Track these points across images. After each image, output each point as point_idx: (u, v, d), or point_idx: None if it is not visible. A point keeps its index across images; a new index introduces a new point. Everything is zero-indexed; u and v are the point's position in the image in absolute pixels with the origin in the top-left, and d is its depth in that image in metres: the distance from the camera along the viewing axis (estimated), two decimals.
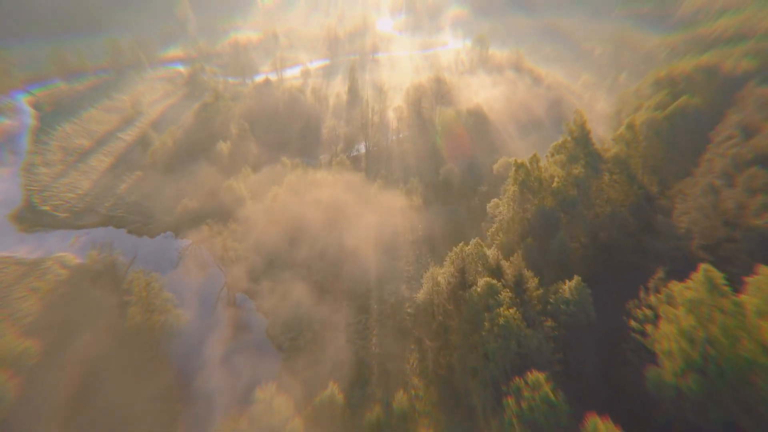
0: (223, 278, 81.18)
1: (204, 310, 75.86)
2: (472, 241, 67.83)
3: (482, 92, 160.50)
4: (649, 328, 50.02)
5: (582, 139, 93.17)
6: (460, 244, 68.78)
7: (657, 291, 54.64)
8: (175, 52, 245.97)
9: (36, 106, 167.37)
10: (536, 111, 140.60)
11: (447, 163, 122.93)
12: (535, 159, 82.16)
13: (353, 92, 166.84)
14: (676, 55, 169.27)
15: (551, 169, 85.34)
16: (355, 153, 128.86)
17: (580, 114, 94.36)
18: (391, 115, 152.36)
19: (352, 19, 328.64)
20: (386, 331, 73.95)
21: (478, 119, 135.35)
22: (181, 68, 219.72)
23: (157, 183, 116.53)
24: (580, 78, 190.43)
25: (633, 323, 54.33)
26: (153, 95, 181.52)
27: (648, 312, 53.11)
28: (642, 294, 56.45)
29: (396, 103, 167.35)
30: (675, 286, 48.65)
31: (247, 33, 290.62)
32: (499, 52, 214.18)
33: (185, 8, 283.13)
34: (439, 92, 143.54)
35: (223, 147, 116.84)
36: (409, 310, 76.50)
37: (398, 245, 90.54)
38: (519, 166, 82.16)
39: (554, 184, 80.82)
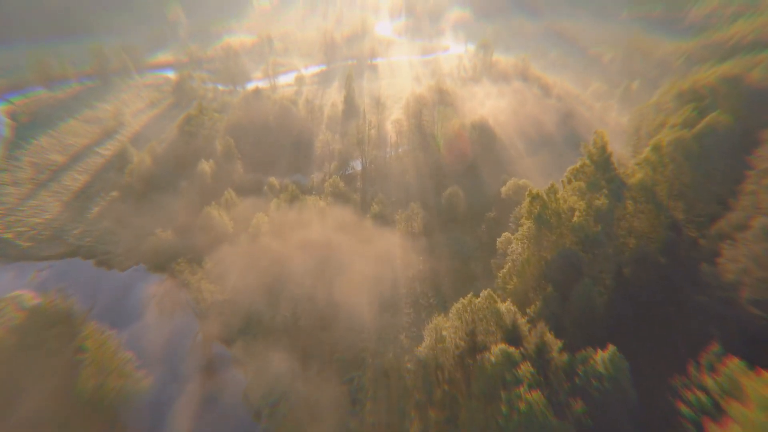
0: (196, 327, 71.04)
1: (172, 366, 65.70)
2: (483, 294, 57.72)
3: (487, 102, 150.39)
4: (709, 426, 39.97)
5: (602, 163, 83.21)
6: (469, 296, 58.72)
7: (713, 369, 44.65)
8: (164, 57, 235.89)
9: (13, 116, 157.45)
10: (546, 125, 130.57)
11: (450, 181, 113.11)
12: (552, 190, 72.11)
13: (349, 101, 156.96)
14: (693, 63, 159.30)
15: (569, 200, 75.28)
16: (349, 171, 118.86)
17: (601, 135, 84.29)
18: (389, 127, 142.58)
19: (350, 22, 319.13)
20: (383, 393, 63.85)
21: (483, 133, 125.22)
22: (171, 74, 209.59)
23: (133, 207, 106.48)
24: (589, 86, 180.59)
25: (683, 408, 44.39)
26: (138, 104, 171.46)
27: (703, 398, 43.14)
28: (692, 370, 46.44)
29: (395, 113, 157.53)
30: (748, 380, 38.59)
31: (241, 36, 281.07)
32: (503, 58, 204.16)
33: (177, 11, 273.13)
34: (442, 103, 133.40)
35: (206, 167, 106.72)
36: (409, 366, 66.41)
37: (397, 282, 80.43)
38: (534, 198, 72.20)
39: (575, 219, 70.73)
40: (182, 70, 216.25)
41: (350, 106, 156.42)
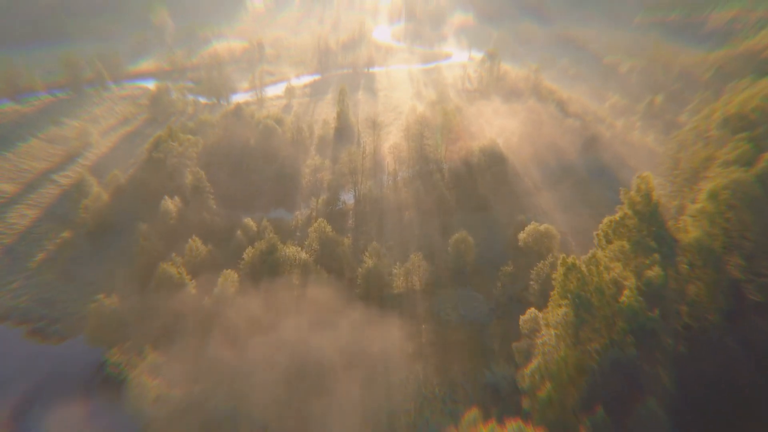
0: None
1: None
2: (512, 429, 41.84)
3: (497, 122, 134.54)
4: None
5: (648, 215, 67.50)
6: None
7: None
8: (147, 64, 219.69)
9: None
10: (565, 150, 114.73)
11: (456, 219, 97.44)
12: (594, 261, 56.28)
13: (343, 118, 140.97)
14: (725, 77, 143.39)
15: (612, 268, 59.48)
16: (340, 206, 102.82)
17: (645, 180, 68.62)
18: (386, 150, 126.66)
19: (347, 26, 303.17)
20: None
21: (493, 160, 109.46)
22: (151, 85, 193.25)
23: (86, 252, 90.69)
24: (606, 99, 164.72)
25: None
26: (110, 120, 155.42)
27: None
28: None
29: (393, 132, 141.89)
30: None
31: (231, 41, 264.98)
32: (511, 68, 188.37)
33: (162, 14, 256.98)
34: (446, 125, 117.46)
35: (170, 205, 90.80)
36: None
37: (394, 366, 64.53)
38: (570, 269, 56.47)
39: (623, 299, 54.84)
40: (164, 80, 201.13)
41: (344, 124, 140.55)
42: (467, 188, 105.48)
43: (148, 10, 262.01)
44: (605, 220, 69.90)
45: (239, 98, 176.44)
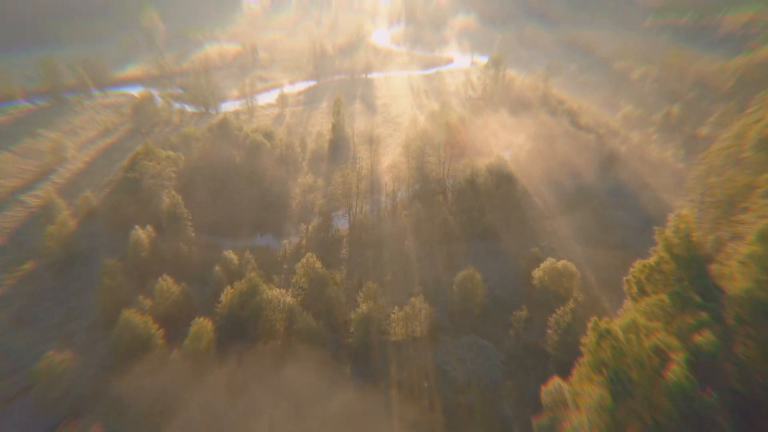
0: None
1: None
2: None
3: (503, 135, 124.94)
4: None
5: (689, 261, 57.93)
6: None
7: None
8: (135, 69, 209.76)
9: None
10: (580, 168, 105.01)
11: (461, 249, 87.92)
12: (633, 326, 46.67)
13: (338, 130, 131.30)
14: (747, 86, 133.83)
15: (654, 332, 49.85)
16: (333, 232, 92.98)
17: (684, 220, 58.95)
18: (385, 166, 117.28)
19: (345, 29, 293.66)
20: None
21: (502, 181, 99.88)
22: (138, 91, 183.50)
23: (47, 288, 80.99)
24: (618, 108, 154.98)
25: None
26: (90, 131, 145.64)
27: None
28: None
29: (392, 147, 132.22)
30: None
31: (225, 45, 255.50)
32: (516, 74, 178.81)
33: (152, 16, 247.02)
34: (449, 143, 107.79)
35: (142, 235, 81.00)
36: None
37: None
38: (603, 334, 47.06)
39: (669, 375, 45.19)
40: (151, 87, 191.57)
41: (339, 136, 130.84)
42: (473, 212, 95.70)
43: (138, 12, 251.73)
44: (637, 265, 60.31)
45: (229, 106, 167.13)
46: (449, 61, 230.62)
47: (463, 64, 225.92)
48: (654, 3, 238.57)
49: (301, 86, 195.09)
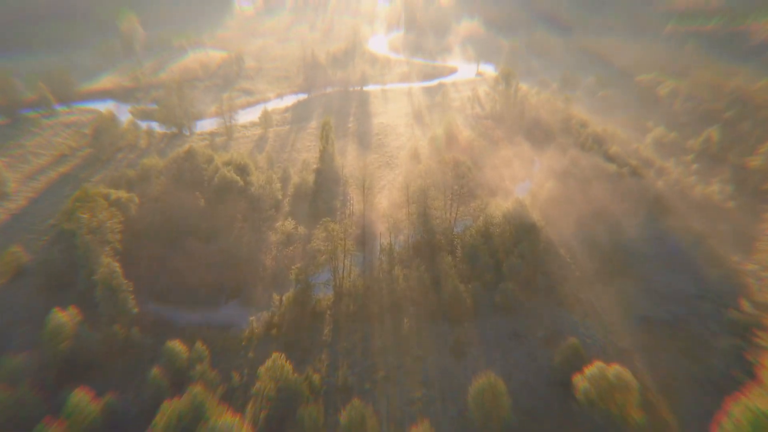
0: None
1: None
2: None
3: (518, 168, 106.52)
4: None
5: None
6: None
7: None
8: (108, 80, 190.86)
9: None
10: (621, 218, 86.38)
11: (474, 326, 69.69)
12: None
13: (326, 160, 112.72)
14: None
15: None
16: (313, 304, 74.14)
17: None
18: (380, 209, 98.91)
19: (341, 33, 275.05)
20: None
21: (522, 232, 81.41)
22: (108, 106, 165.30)
23: None
24: (645, 129, 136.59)
25: None
26: (42, 158, 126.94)
27: None
28: None
29: (390, 178, 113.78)
30: None
31: (210, 51, 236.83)
32: (529, 88, 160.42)
33: (131, 21, 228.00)
34: (457, 173, 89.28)
35: (63, 319, 62.39)
36: None
37: None
38: None
39: None
40: (125, 100, 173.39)
41: (327, 167, 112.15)
42: (487, 275, 77.21)
43: (116, 15, 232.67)
44: (737, 406, 41.89)
45: (207, 125, 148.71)
46: (452, 71, 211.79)
47: (467, 74, 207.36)
48: (675, 7, 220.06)
49: (290, 100, 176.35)
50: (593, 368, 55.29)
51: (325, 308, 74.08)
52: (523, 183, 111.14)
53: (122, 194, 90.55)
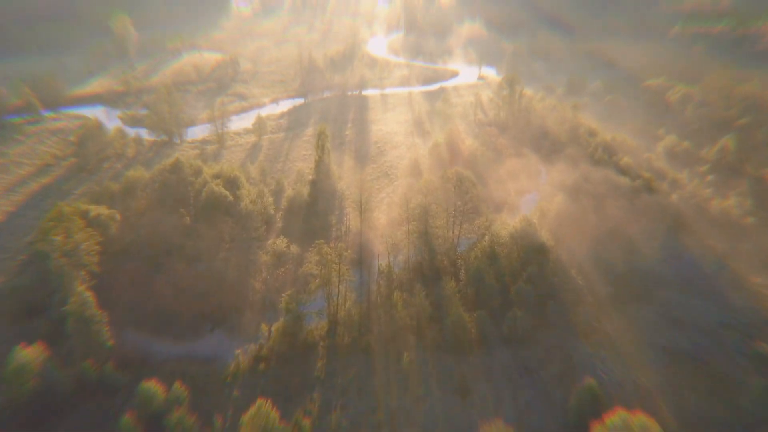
0: None
1: None
2: None
3: (525, 180, 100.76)
4: None
5: None
6: None
7: None
8: (99, 84, 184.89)
9: None
10: (637, 239, 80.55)
11: (480, 361, 64.12)
12: None
13: (322, 170, 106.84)
14: None
15: None
16: (304, 335, 68.29)
17: None
18: (379, 219, 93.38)
19: (340, 34, 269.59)
20: None
21: (530, 253, 75.74)
22: (93, 113, 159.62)
23: None
24: (656, 138, 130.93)
25: None
26: (24, 167, 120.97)
27: None
28: None
29: (389, 191, 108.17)
30: None
31: (205, 54, 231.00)
32: (533, 93, 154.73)
33: (124, 23, 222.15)
34: (461, 189, 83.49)
35: (28, 356, 56.52)
36: None
37: None
38: None
39: None
40: (115, 105, 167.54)
41: (323, 177, 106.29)
42: (494, 300, 71.43)
43: (109, 17, 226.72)
44: None
45: (198, 132, 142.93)
46: (454, 74, 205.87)
47: (469, 77, 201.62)
48: (682, 8, 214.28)
49: (286, 105, 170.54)
50: (615, 418, 49.56)
51: (317, 339, 68.22)
52: (530, 195, 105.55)
53: (103, 210, 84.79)
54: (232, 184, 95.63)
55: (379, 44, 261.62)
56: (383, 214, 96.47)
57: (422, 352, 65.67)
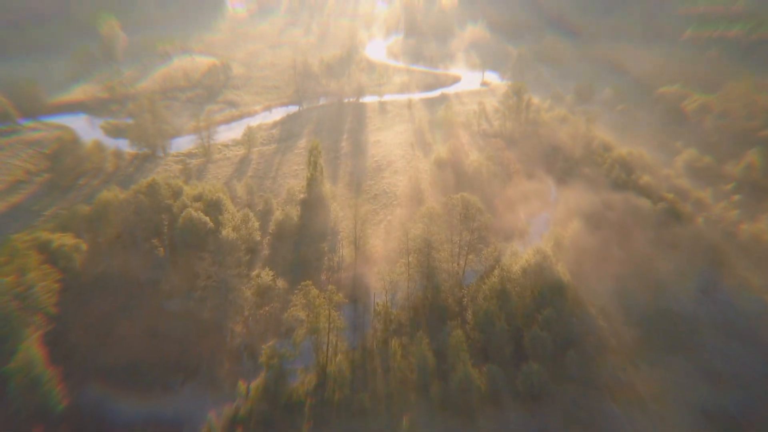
0: None
1: None
2: None
3: (535, 200, 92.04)
4: None
5: None
6: None
7: None
8: (82, 91, 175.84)
9: None
10: (667, 278, 71.72)
11: (494, 429, 55.36)
12: None
13: (314, 189, 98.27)
14: None
15: None
16: (287, 393, 59.40)
17: None
18: (374, 248, 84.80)
19: (337, 37, 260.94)
20: None
21: (546, 293, 66.99)
22: (75, 121, 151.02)
23: None
24: (674, 151, 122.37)
25: None
26: None
27: None
28: None
29: (387, 209, 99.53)
30: None
31: (197, 57, 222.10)
32: (541, 102, 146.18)
33: (112, 25, 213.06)
34: (467, 217, 74.74)
35: None
36: None
37: None
38: None
39: None
40: (98, 113, 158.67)
41: (315, 196, 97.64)
42: (506, 348, 62.64)
43: (96, 19, 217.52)
44: None
45: (184, 143, 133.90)
46: (456, 80, 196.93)
47: (472, 83, 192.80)
48: (694, 11, 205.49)
49: (279, 113, 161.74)
50: None
51: (304, 396, 59.33)
52: (541, 216, 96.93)
53: (67, 240, 76.04)
54: (214, 206, 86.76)
55: (378, 48, 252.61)
56: (381, 241, 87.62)
57: (424, 413, 56.87)
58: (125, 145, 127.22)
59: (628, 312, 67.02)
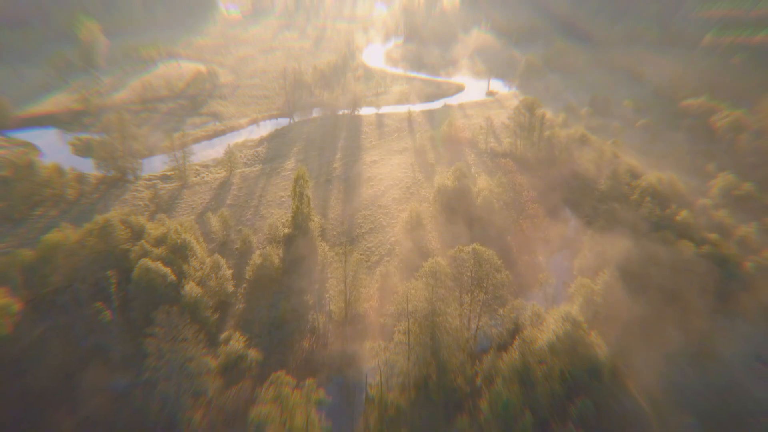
0: None
1: None
2: None
3: (556, 240, 78.75)
4: None
5: None
6: None
7: None
8: (53, 102, 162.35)
9: None
10: (726, 353, 58.47)
11: None
12: None
13: (300, 223, 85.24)
14: None
15: None
16: None
17: None
18: (371, 305, 71.71)
19: (333, 41, 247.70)
20: None
21: (579, 378, 53.82)
22: (43, 136, 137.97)
23: None
24: (706, 174, 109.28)
25: None
26: None
27: None
28: None
29: (386, 241, 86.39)
30: None
31: (183, 63, 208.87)
32: (554, 116, 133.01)
33: (92, 29, 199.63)
34: (479, 284, 61.57)
35: None
36: None
37: None
38: None
39: None
40: (70, 127, 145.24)
41: (300, 232, 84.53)
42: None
43: (73, 23, 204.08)
44: None
45: (159, 164, 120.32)
46: (459, 89, 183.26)
47: (477, 93, 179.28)
48: (712, 14, 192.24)
49: (267, 127, 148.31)
50: None
51: None
52: (560, 254, 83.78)
53: None
54: (179, 252, 73.61)
55: (376, 53, 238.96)
56: (375, 290, 74.29)
57: None
58: (91, 168, 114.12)
59: (682, 398, 53.55)
